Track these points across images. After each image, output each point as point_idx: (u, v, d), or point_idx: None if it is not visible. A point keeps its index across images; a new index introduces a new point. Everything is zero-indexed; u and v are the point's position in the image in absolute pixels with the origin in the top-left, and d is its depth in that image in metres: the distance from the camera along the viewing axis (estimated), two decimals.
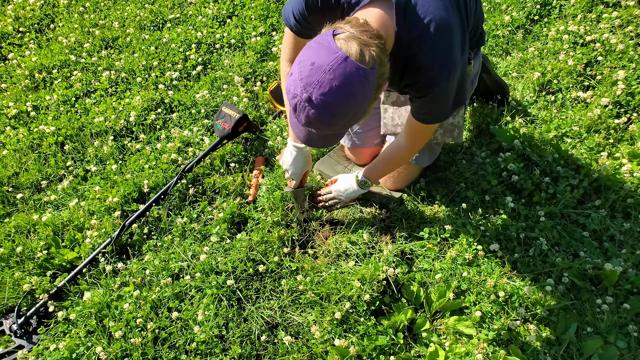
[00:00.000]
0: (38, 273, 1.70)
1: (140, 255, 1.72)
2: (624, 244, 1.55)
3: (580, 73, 2.05)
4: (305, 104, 0.99)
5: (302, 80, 0.97)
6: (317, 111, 0.99)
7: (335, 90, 0.96)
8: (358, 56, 0.96)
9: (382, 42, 1.03)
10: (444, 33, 1.11)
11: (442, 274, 1.51)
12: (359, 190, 1.64)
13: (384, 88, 1.08)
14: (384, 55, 1.03)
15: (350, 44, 0.97)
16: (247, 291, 1.55)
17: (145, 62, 2.50)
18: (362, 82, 0.98)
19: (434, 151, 1.74)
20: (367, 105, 1.05)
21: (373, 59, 0.99)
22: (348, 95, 0.97)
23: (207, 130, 2.14)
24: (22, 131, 2.23)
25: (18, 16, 2.99)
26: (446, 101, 1.25)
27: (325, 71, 0.95)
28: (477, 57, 1.55)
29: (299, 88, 0.98)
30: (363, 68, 0.97)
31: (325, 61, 0.95)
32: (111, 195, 1.87)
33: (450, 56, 1.13)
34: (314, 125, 1.04)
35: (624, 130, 1.84)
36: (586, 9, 2.31)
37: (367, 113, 1.08)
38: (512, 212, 1.66)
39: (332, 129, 1.07)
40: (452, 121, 1.56)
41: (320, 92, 0.96)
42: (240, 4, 2.84)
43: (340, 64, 0.95)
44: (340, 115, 1.01)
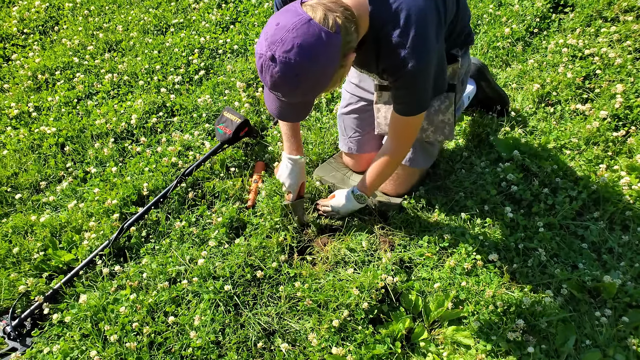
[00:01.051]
0: (34, 274, 1.67)
1: (137, 259, 1.70)
2: (622, 256, 1.55)
3: (579, 86, 2.06)
4: (269, 62, 1.00)
5: (267, 39, 1.00)
6: (280, 69, 1.00)
7: (297, 48, 0.98)
8: (322, 19, 1.00)
9: (350, 13, 1.07)
10: (418, 16, 1.12)
11: (440, 283, 1.49)
12: (357, 205, 1.64)
13: (350, 58, 1.10)
14: (351, 24, 1.06)
15: (315, 9, 1.01)
16: (244, 297, 1.53)
17: (147, 66, 2.50)
18: (325, 44, 1.00)
19: (429, 151, 1.72)
20: (332, 72, 1.06)
21: (337, 25, 1.02)
22: (310, 55, 0.99)
23: (208, 134, 2.13)
24: (23, 131, 2.22)
25: (23, 18, 2.99)
26: (423, 87, 1.24)
27: (288, 30, 0.98)
28: (466, 56, 1.54)
29: (264, 47, 1.01)
30: (326, 30, 1.00)
31: (290, 21, 0.99)
32: (110, 197, 1.85)
33: (424, 40, 1.13)
34: (280, 87, 1.05)
35: (622, 143, 1.84)
36: (585, 23, 2.33)
37: (332, 82, 1.10)
38: (511, 222, 1.65)
39: (298, 94, 1.08)
40: (442, 118, 1.55)
41: (283, 49, 0.98)
42: (243, 10, 2.85)
43: (303, 24, 0.99)
44: (303, 76, 1.02)
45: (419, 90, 1.25)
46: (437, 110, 1.54)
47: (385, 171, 1.53)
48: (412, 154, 1.68)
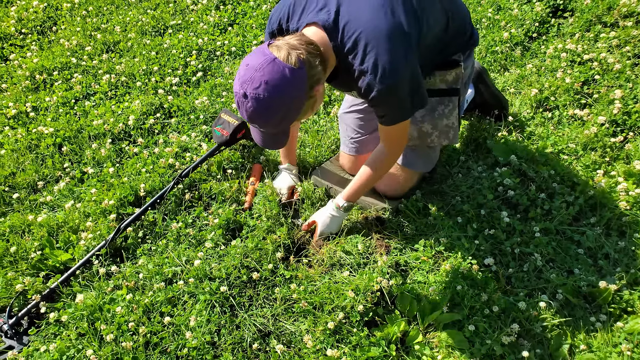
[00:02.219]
0: (31, 273, 1.71)
1: (134, 259, 1.74)
2: (618, 262, 1.59)
3: (578, 91, 2.11)
4: (242, 99, 1.16)
5: (239, 79, 1.16)
6: (252, 105, 1.15)
7: (264, 84, 1.13)
8: (285, 57, 1.14)
9: (314, 47, 1.20)
10: (377, 41, 1.20)
11: (436, 287, 1.53)
12: (343, 215, 1.68)
13: (319, 89, 1.24)
14: (315, 58, 1.20)
15: (280, 48, 1.16)
16: (240, 298, 1.57)
17: (145, 67, 2.55)
18: (289, 79, 1.14)
19: (429, 156, 1.77)
20: (300, 103, 1.20)
21: (300, 61, 1.16)
22: (276, 90, 1.13)
23: (205, 136, 2.18)
24: (20, 131, 2.27)
25: (21, 18, 3.05)
26: (398, 103, 1.32)
27: (256, 69, 1.14)
28: (470, 58, 1.59)
29: (237, 86, 1.17)
30: (290, 67, 1.14)
31: (257, 62, 1.15)
32: (107, 197, 1.89)
33: (385, 62, 1.20)
34: (255, 120, 1.20)
35: (620, 149, 1.89)
36: (584, 28, 2.38)
37: (304, 112, 1.24)
38: (507, 227, 1.69)
39: (271, 124, 1.22)
40: (446, 122, 1.61)
41: (253, 87, 1.13)
42: (241, 12, 2.91)
43: (269, 64, 1.14)
44: (273, 109, 1.16)
45: (394, 107, 1.33)
46: (441, 115, 1.59)
47: (375, 175, 1.58)
48: (413, 157, 1.73)
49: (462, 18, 1.48)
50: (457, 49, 1.51)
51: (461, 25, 1.47)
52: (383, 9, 1.21)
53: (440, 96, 1.57)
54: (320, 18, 1.24)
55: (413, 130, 1.66)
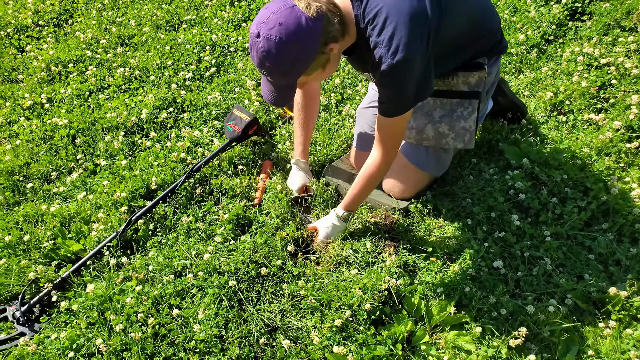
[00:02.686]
0: (43, 262, 1.75)
1: (144, 251, 1.78)
2: (629, 269, 1.58)
3: (593, 95, 2.10)
4: (255, 38, 1.18)
5: (256, 19, 1.19)
6: (263, 45, 1.16)
7: (278, 26, 1.14)
8: (305, 7, 1.17)
9: (336, 8, 1.23)
10: (397, 17, 1.21)
11: (444, 288, 1.54)
12: (344, 224, 1.68)
13: (333, 48, 1.26)
14: (334, 16, 1.22)
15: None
16: (248, 293, 1.59)
17: (159, 61, 2.59)
18: (304, 27, 1.16)
19: (442, 159, 1.77)
20: (310, 54, 1.21)
21: (319, 13, 1.18)
22: (289, 33, 1.15)
23: (217, 131, 2.21)
24: (35, 122, 2.32)
25: (38, 10, 3.11)
26: (402, 87, 1.30)
27: (273, 12, 1.16)
28: (495, 65, 1.58)
29: (253, 26, 1.19)
30: (307, 15, 1.16)
31: (276, 6, 1.17)
32: (119, 190, 1.93)
33: (402, 39, 1.21)
34: (264, 62, 1.20)
35: (635, 154, 1.87)
36: (602, 32, 2.37)
37: (313, 67, 1.25)
38: (518, 230, 1.69)
39: (281, 72, 1.23)
40: (463, 124, 1.61)
41: (267, 27, 1.15)
42: (255, 8, 2.93)
43: (287, 9, 1.16)
44: (283, 53, 1.17)
45: (398, 90, 1.32)
46: (459, 117, 1.59)
47: (373, 179, 1.56)
48: (426, 158, 1.73)
49: (493, 20, 1.48)
50: (484, 51, 1.51)
51: (491, 26, 1.47)
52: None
53: (461, 98, 1.57)
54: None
55: (430, 130, 1.66)
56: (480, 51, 1.51)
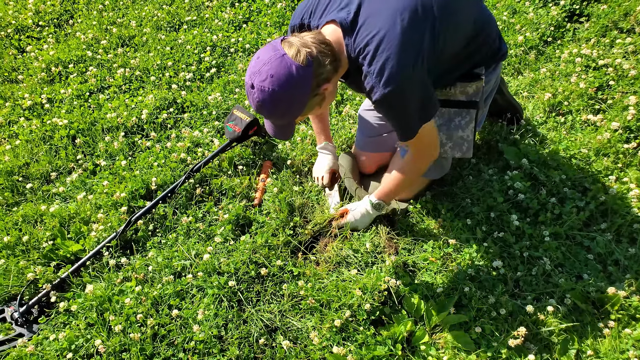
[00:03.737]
0: (42, 263, 1.74)
1: (144, 252, 1.76)
2: (628, 269, 1.57)
3: (592, 96, 2.09)
4: (250, 89, 1.20)
5: (249, 70, 1.21)
6: (258, 95, 1.19)
7: (270, 78, 1.16)
8: (294, 54, 1.17)
9: (328, 47, 1.23)
10: (387, 46, 1.19)
11: (443, 288, 1.53)
12: (374, 213, 1.68)
13: (327, 87, 1.27)
14: (325, 57, 1.22)
15: (291, 45, 1.19)
16: (248, 293, 1.58)
17: (159, 62, 2.58)
18: (295, 77, 1.17)
19: (442, 165, 1.77)
20: (304, 99, 1.22)
21: (309, 59, 1.18)
22: (281, 85, 1.17)
23: (217, 132, 2.19)
24: (35, 122, 2.30)
25: (38, 10, 3.10)
26: (401, 114, 1.29)
27: (264, 63, 1.17)
28: (494, 73, 1.57)
29: (247, 76, 1.21)
30: (297, 64, 1.17)
31: (267, 56, 1.18)
32: (119, 190, 1.92)
33: (393, 69, 1.19)
34: (261, 110, 1.23)
35: (633, 155, 1.87)
36: (600, 33, 2.36)
37: (309, 107, 1.27)
38: (517, 230, 1.68)
39: (276, 116, 1.26)
40: (461, 134, 1.59)
41: (260, 79, 1.17)
42: (256, 10, 2.92)
43: (277, 59, 1.17)
44: (276, 101, 1.19)
45: (397, 117, 1.32)
46: (457, 126, 1.58)
47: (405, 179, 1.58)
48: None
49: (490, 27, 1.45)
50: (482, 61, 1.49)
51: (489, 34, 1.45)
52: (400, 15, 1.20)
53: (459, 107, 1.55)
54: (339, 16, 1.26)
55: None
56: (481, 61, 1.49)
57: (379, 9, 1.22)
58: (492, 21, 1.48)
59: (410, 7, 1.21)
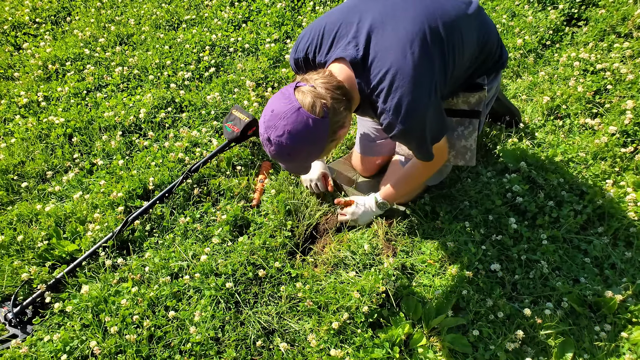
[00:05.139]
0: (37, 263, 1.71)
1: (140, 252, 1.74)
2: (624, 272, 1.57)
3: (589, 100, 2.08)
4: (267, 142, 1.20)
5: (265, 123, 1.19)
6: (275, 149, 1.19)
7: (287, 134, 1.15)
8: (310, 107, 1.16)
9: (341, 92, 1.22)
10: (400, 83, 1.20)
11: (441, 291, 1.52)
12: (377, 212, 1.69)
13: (342, 132, 1.27)
14: (340, 104, 1.21)
15: (305, 96, 1.17)
16: (245, 295, 1.56)
17: (158, 61, 2.55)
18: (312, 129, 1.16)
19: (441, 171, 1.77)
20: (324, 146, 1.23)
21: (325, 110, 1.17)
22: (298, 139, 1.16)
23: (216, 132, 2.17)
24: (31, 120, 2.26)
25: (35, 7, 3.05)
26: (417, 141, 1.33)
27: (280, 117, 1.16)
28: (495, 80, 1.56)
29: (262, 129, 1.21)
30: (313, 117, 1.16)
31: (282, 109, 1.16)
32: (116, 190, 1.89)
33: (410, 104, 1.21)
34: (277, 159, 1.25)
35: (630, 159, 1.86)
36: (598, 37, 2.36)
37: (325, 151, 1.28)
38: (515, 233, 1.67)
39: (293, 166, 1.29)
40: (464, 143, 1.59)
41: (276, 134, 1.16)
42: (256, 9, 2.89)
43: (293, 113, 1.15)
44: (294, 155, 1.20)
45: (413, 145, 1.35)
46: (460, 136, 1.57)
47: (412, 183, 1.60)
48: None
49: (492, 40, 1.45)
50: (484, 72, 1.49)
51: (490, 50, 1.44)
52: (411, 49, 1.19)
53: (461, 117, 1.55)
54: (348, 53, 1.23)
55: None
56: (483, 72, 1.48)
57: (388, 41, 1.21)
58: (493, 30, 1.46)
59: (419, 36, 1.20)
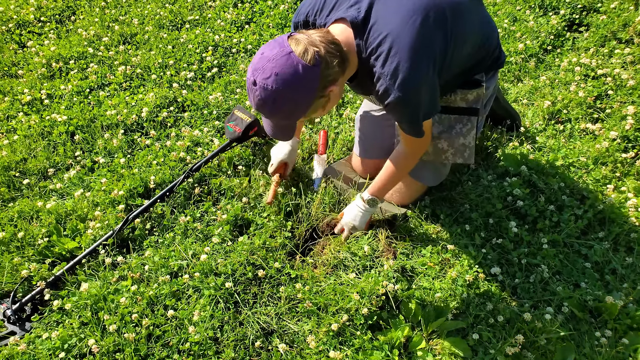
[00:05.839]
0: (37, 260, 1.69)
1: (140, 251, 1.72)
2: (625, 278, 1.55)
3: (590, 105, 2.07)
4: (252, 86, 1.13)
5: (252, 66, 1.13)
6: (260, 93, 1.12)
7: (274, 76, 1.09)
8: (302, 53, 1.10)
9: (336, 47, 1.16)
10: (400, 48, 1.16)
11: (441, 294, 1.50)
12: (370, 210, 1.63)
13: (333, 89, 1.20)
14: (333, 58, 1.15)
15: (298, 42, 1.12)
16: (244, 295, 1.54)
17: (161, 60, 2.54)
18: (301, 76, 1.10)
19: (440, 172, 1.75)
20: (309, 100, 1.16)
21: (317, 58, 1.11)
22: (286, 84, 1.10)
23: (218, 131, 2.16)
24: (34, 118, 2.25)
25: (40, 6, 3.05)
26: (411, 114, 1.28)
27: (269, 60, 1.10)
28: (493, 79, 1.55)
29: (249, 72, 1.14)
30: (303, 63, 1.10)
31: (272, 52, 1.11)
32: (117, 188, 1.88)
33: (407, 71, 1.16)
34: (261, 108, 1.17)
35: (630, 164, 1.85)
36: (599, 43, 2.35)
37: (313, 109, 1.20)
38: (515, 237, 1.66)
39: (278, 116, 1.20)
40: (463, 141, 1.57)
41: (263, 76, 1.10)
42: (259, 11, 2.89)
43: (283, 56, 1.10)
44: (279, 101, 1.13)
45: (406, 118, 1.30)
46: (458, 133, 1.56)
47: (398, 173, 1.54)
48: (423, 171, 1.70)
49: (493, 38, 1.44)
50: (482, 69, 1.47)
51: (491, 46, 1.43)
52: (413, 17, 1.16)
53: (460, 114, 1.53)
54: (349, 14, 1.20)
55: (429, 145, 1.62)
56: (482, 68, 1.47)
57: (391, 8, 1.18)
58: (494, 30, 1.46)
59: (424, 9, 1.18)
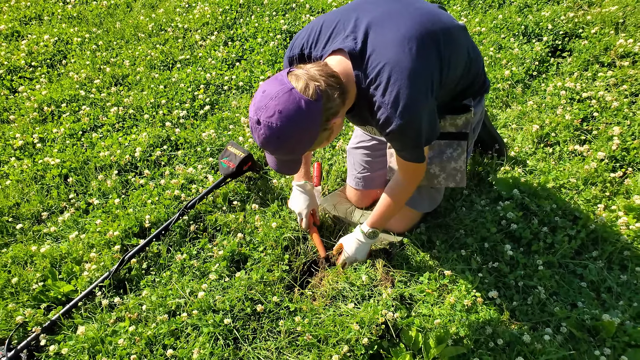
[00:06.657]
0: (32, 305, 1.80)
1: (137, 290, 1.84)
2: (621, 295, 1.68)
3: (577, 127, 2.28)
4: (256, 125, 1.21)
5: (254, 105, 1.21)
6: (265, 132, 1.20)
7: (278, 114, 1.17)
8: (303, 89, 1.19)
9: (335, 80, 1.25)
10: (399, 76, 1.25)
11: (440, 320, 1.62)
12: (370, 242, 1.76)
13: (336, 121, 1.29)
14: (334, 91, 1.24)
15: (298, 78, 1.20)
16: (244, 331, 1.65)
17: (153, 100, 2.75)
18: (304, 112, 1.18)
19: (434, 198, 1.91)
20: (313, 134, 1.25)
21: (318, 93, 1.20)
22: (289, 120, 1.18)
23: (212, 168, 2.33)
24: (26, 162, 2.42)
25: (31, 51, 3.30)
26: (412, 142, 1.39)
27: (271, 97, 1.18)
28: (480, 104, 1.71)
29: (252, 111, 1.22)
30: (306, 99, 1.18)
31: (274, 90, 1.19)
32: (112, 228, 2.01)
33: (408, 99, 1.26)
34: (266, 146, 1.24)
35: (619, 183, 2.03)
36: (582, 67, 2.60)
37: (317, 142, 1.29)
38: (511, 260, 1.80)
39: (283, 152, 1.28)
40: (454, 165, 1.73)
41: (266, 115, 1.18)
42: (249, 48, 3.15)
43: (285, 93, 1.18)
44: (283, 139, 1.21)
45: (409, 144, 1.42)
46: (449, 158, 1.72)
47: (395, 204, 1.66)
48: (417, 198, 1.85)
49: (479, 64, 1.60)
50: (470, 94, 1.62)
51: (477, 71, 1.58)
52: (409, 44, 1.26)
53: (450, 139, 1.68)
54: (347, 45, 1.30)
55: None
56: (470, 94, 1.63)
57: (387, 36, 1.28)
58: (479, 55, 1.63)
59: (418, 35, 1.28)
